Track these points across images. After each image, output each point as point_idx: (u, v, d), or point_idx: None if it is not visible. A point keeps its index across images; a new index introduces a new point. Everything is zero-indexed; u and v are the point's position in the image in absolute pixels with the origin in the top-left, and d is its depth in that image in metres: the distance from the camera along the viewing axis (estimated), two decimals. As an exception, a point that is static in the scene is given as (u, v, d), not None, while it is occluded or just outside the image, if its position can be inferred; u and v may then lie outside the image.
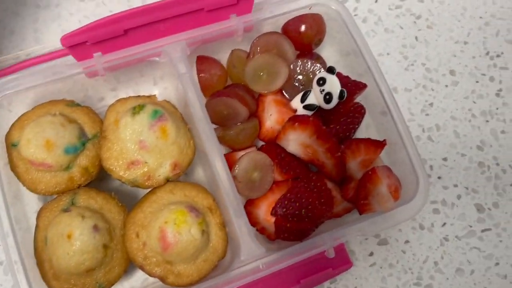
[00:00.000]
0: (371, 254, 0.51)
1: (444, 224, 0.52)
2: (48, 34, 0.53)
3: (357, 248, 0.50)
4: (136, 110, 0.42)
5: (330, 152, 0.44)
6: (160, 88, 0.52)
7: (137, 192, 0.48)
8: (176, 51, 0.45)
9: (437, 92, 0.57)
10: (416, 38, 0.59)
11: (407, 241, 0.51)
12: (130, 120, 0.42)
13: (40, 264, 0.41)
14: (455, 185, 0.54)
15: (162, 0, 0.44)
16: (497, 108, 0.57)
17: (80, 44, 0.44)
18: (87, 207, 0.42)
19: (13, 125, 0.44)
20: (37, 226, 0.42)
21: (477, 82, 0.58)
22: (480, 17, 0.61)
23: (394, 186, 0.44)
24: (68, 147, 0.42)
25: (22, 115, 0.44)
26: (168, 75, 0.51)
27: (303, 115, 0.45)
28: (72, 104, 0.46)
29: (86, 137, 0.44)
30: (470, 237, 0.52)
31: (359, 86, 0.47)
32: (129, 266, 0.43)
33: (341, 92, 0.45)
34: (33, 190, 0.42)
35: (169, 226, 0.39)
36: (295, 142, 0.45)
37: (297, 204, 0.43)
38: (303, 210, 0.43)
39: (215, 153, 0.42)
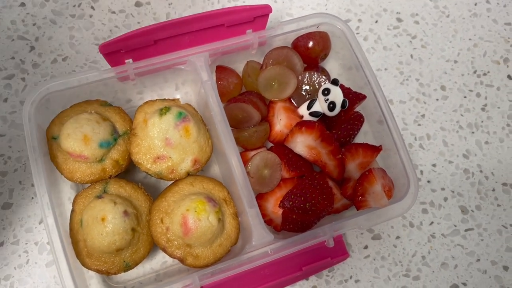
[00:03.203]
0: (366, 247, 0.56)
1: (432, 223, 0.58)
2: (83, 41, 0.58)
3: (353, 242, 0.56)
4: (163, 111, 0.47)
5: (333, 154, 0.50)
6: (182, 92, 0.57)
7: (159, 184, 0.54)
8: (200, 61, 0.51)
9: (429, 105, 0.63)
10: (411, 56, 0.65)
11: (398, 237, 0.57)
12: (158, 120, 0.47)
13: (75, 243, 0.46)
14: (443, 189, 0.59)
15: (188, 16, 0.50)
16: (482, 121, 0.63)
17: (115, 52, 0.50)
18: (117, 195, 0.47)
19: (53, 121, 0.49)
20: (73, 211, 0.47)
21: (464, 97, 0.64)
22: (469, 39, 0.67)
23: (387, 186, 0.50)
24: (102, 142, 0.47)
25: (61, 112, 0.50)
26: (188, 82, 0.57)
27: (309, 121, 0.51)
28: (105, 104, 0.51)
29: (117, 133, 0.49)
30: (454, 235, 0.58)
31: (359, 97, 0.53)
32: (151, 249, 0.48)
33: (344, 102, 0.51)
34: (70, 178, 0.48)
35: (190, 213, 0.45)
36: (302, 144, 0.50)
37: (302, 198, 0.48)
38: (308, 204, 0.48)
39: (232, 152, 0.47)
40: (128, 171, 0.53)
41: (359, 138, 0.56)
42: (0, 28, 0.57)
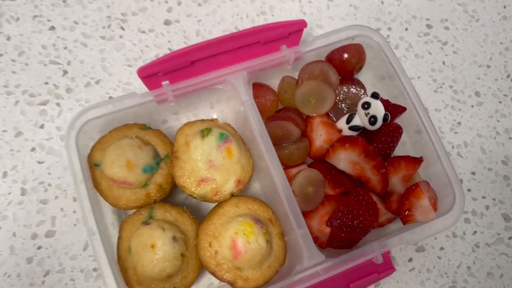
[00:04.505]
0: (410, 260, 0.55)
1: (475, 232, 0.57)
2: (114, 63, 0.58)
3: (397, 255, 0.55)
4: (205, 133, 0.47)
5: (376, 169, 0.49)
6: (217, 111, 0.57)
7: (201, 206, 0.53)
8: (238, 80, 0.50)
9: (464, 112, 0.62)
10: (443, 62, 0.64)
11: (442, 248, 0.56)
12: (200, 142, 0.46)
13: (123, 270, 0.45)
14: (483, 197, 0.59)
15: (224, 35, 0.50)
16: (518, 126, 0.62)
17: (153, 74, 0.49)
18: (164, 220, 0.47)
19: (94, 147, 0.49)
20: (120, 237, 0.47)
21: (500, 102, 0.63)
22: (501, 43, 0.66)
23: (433, 199, 0.49)
24: (146, 167, 0.46)
25: (101, 137, 0.49)
26: (223, 100, 0.56)
27: (351, 136, 0.50)
28: (144, 127, 0.51)
29: (159, 157, 0.49)
30: (498, 244, 0.57)
31: (399, 109, 0.52)
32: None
33: (385, 116, 0.50)
34: (115, 205, 0.47)
35: (239, 236, 0.44)
36: (345, 160, 0.50)
37: (350, 216, 0.48)
38: (355, 221, 0.48)
39: (277, 171, 0.47)
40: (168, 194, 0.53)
41: (397, 150, 0.55)
42: (32, 53, 0.57)
